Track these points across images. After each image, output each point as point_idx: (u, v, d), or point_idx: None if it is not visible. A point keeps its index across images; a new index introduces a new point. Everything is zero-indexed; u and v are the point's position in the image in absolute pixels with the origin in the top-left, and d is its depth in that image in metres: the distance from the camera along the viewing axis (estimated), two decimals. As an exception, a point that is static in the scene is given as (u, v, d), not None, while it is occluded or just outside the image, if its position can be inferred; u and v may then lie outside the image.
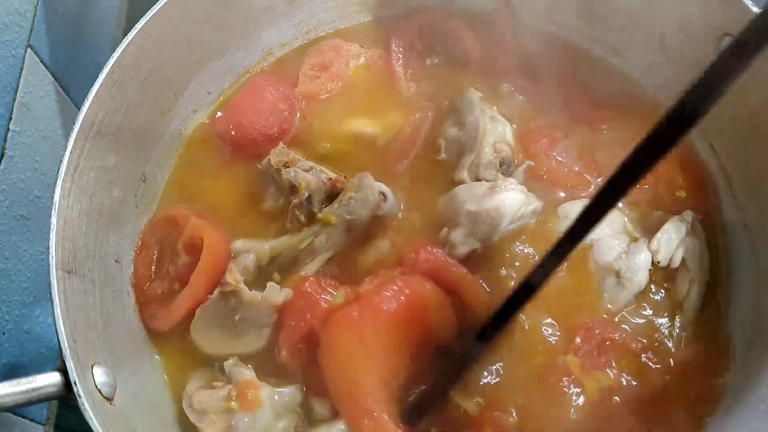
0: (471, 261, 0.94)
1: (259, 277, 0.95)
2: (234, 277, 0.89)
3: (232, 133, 1.06)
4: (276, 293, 0.90)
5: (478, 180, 1.00)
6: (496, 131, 1.04)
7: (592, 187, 1.03)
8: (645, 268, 0.96)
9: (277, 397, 0.87)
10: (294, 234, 0.97)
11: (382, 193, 0.97)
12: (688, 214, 1.01)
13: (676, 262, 0.97)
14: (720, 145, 1.06)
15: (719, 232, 1.04)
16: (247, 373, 0.88)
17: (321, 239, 0.95)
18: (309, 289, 0.91)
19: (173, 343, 0.95)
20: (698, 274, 0.98)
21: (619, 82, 1.14)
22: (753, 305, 0.97)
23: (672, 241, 0.97)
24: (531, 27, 1.16)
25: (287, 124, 1.08)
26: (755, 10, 0.91)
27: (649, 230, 1.00)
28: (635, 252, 0.97)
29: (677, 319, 0.96)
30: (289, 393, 0.88)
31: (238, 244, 0.97)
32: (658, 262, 0.96)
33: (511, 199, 0.93)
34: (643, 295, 0.96)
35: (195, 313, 0.92)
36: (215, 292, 0.91)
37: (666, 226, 0.98)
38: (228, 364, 0.90)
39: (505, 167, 1.02)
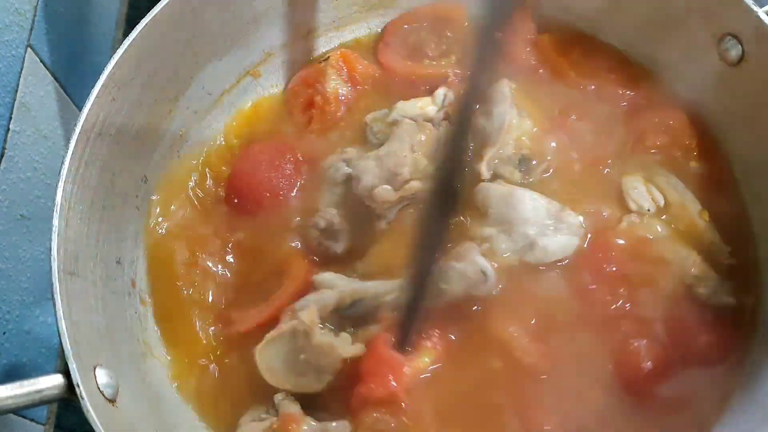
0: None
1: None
2: (311, 318, 0.85)
3: (235, 201, 1.05)
4: (347, 346, 0.86)
5: (496, 176, 0.99)
6: (522, 126, 1.02)
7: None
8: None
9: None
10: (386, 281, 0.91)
11: (483, 272, 0.88)
12: None
13: (661, 199, 0.99)
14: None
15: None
16: (294, 408, 0.85)
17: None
18: (391, 352, 0.85)
19: (176, 346, 0.96)
20: (685, 189, 1.00)
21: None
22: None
23: (639, 188, 0.99)
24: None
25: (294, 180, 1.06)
26: (756, 9, 0.91)
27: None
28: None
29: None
30: (336, 428, 0.84)
31: (324, 276, 0.93)
32: (648, 210, 0.98)
33: (570, 245, 0.93)
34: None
35: (263, 338, 0.88)
36: (288, 324, 0.87)
37: (623, 186, 1.00)
38: (278, 397, 0.87)
39: (524, 165, 1.01)
